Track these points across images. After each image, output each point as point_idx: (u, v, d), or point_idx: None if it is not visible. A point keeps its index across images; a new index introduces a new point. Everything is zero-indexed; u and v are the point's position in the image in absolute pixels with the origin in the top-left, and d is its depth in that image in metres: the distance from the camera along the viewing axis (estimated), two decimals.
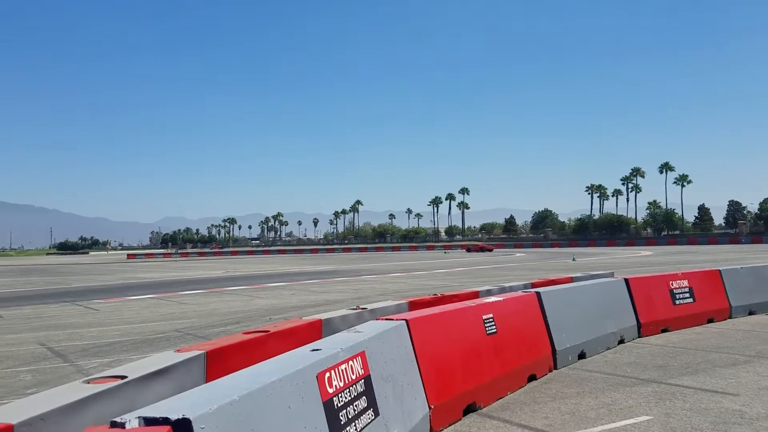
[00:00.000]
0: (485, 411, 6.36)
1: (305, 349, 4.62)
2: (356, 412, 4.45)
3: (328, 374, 4.24)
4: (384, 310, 8.31)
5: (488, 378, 6.64)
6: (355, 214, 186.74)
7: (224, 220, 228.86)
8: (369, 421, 4.59)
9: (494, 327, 7.12)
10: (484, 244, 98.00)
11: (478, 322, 6.95)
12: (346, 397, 4.37)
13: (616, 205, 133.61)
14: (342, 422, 4.22)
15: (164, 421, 2.85)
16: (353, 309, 8.17)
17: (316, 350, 4.50)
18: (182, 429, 2.83)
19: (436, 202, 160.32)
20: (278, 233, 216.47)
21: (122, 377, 4.04)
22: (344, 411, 4.30)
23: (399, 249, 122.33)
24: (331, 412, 4.13)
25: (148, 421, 2.87)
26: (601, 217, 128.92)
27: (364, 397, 4.64)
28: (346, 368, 4.51)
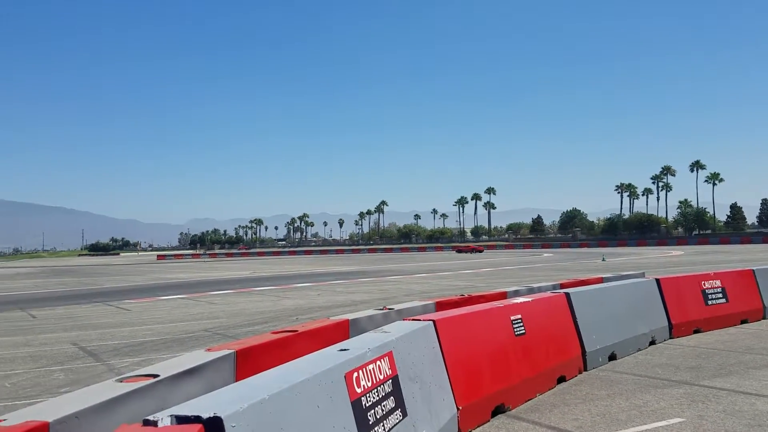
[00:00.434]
0: (514, 412, 6.31)
1: (333, 349, 4.64)
2: (384, 413, 4.45)
3: (356, 374, 4.25)
4: (411, 310, 8.30)
5: (517, 379, 6.59)
6: (380, 215, 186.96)
7: (251, 221, 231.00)
8: (397, 421, 4.59)
9: (523, 328, 7.06)
10: (475, 246, 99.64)
11: (507, 323, 6.90)
12: (374, 397, 4.38)
13: (647, 205, 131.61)
14: (370, 422, 4.22)
15: (196, 419, 2.89)
16: (380, 309, 8.18)
17: (344, 350, 4.52)
18: (214, 427, 2.86)
19: (461, 202, 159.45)
20: (304, 234, 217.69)
21: (154, 376, 4.10)
22: (372, 411, 4.30)
23: (424, 249, 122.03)
24: (360, 412, 4.14)
25: (180, 420, 2.91)
26: (631, 216, 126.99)
27: (391, 398, 4.64)
28: (373, 368, 4.51)
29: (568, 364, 7.73)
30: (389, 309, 8.17)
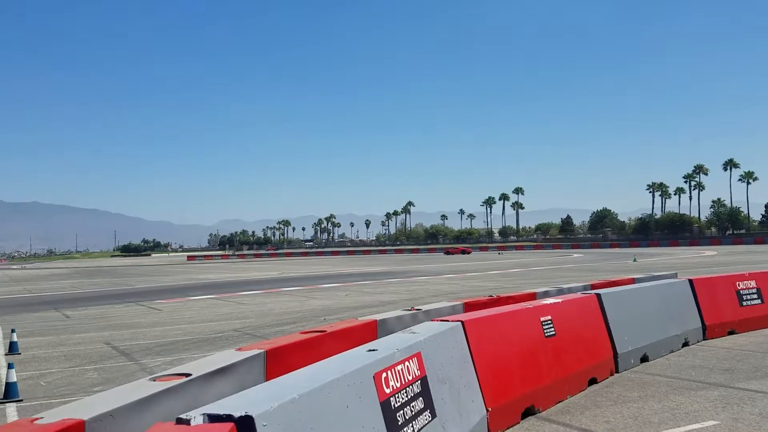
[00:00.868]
0: (544, 414, 6.25)
1: (361, 350, 4.65)
2: (413, 413, 4.44)
3: (384, 374, 4.25)
4: (439, 311, 8.28)
5: (547, 381, 6.52)
6: (407, 216, 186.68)
7: (279, 222, 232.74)
8: (426, 422, 4.58)
9: (553, 329, 6.99)
10: (464, 248, 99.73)
11: (536, 324, 6.84)
12: (402, 398, 4.38)
13: (679, 204, 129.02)
14: (399, 423, 4.22)
15: (227, 418, 2.92)
16: (408, 310, 8.17)
17: (373, 350, 4.52)
18: (245, 426, 2.90)
19: (489, 202, 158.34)
20: (331, 235, 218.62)
21: (186, 375, 4.16)
22: (401, 411, 4.30)
23: None
24: (389, 413, 4.14)
25: (212, 418, 2.94)
26: (663, 216, 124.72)
27: (420, 398, 4.63)
28: (402, 369, 4.51)
29: (600, 365, 7.63)
30: (417, 310, 8.16)
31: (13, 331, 12.16)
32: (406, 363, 4.61)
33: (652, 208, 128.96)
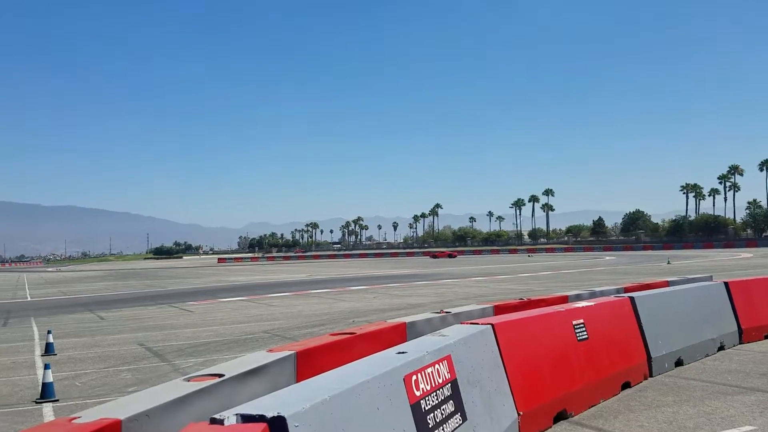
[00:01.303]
0: (576, 419, 6.17)
1: (391, 352, 4.64)
2: (444, 416, 4.42)
3: (414, 377, 4.24)
4: (469, 314, 8.23)
5: (579, 385, 6.44)
6: (435, 218, 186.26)
7: (307, 225, 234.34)
8: (457, 425, 4.55)
9: (585, 333, 6.90)
10: (450, 251, 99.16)
11: (568, 328, 6.76)
12: (433, 401, 4.36)
13: (713, 205, 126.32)
14: (430, 426, 4.20)
15: (260, 418, 2.95)
16: (437, 312, 8.15)
17: (402, 353, 4.52)
18: (277, 426, 2.92)
19: (518, 204, 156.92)
20: (358, 237, 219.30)
21: (219, 375, 4.21)
22: (432, 414, 4.28)
23: (480, 252, 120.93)
24: (419, 415, 4.13)
25: (246, 418, 2.97)
26: (697, 217, 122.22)
27: (451, 402, 4.61)
28: (432, 372, 4.49)
29: (633, 369, 7.51)
30: (446, 312, 8.13)
31: (49, 332, 12.45)
32: (436, 366, 4.59)
33: (686, 209, 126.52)
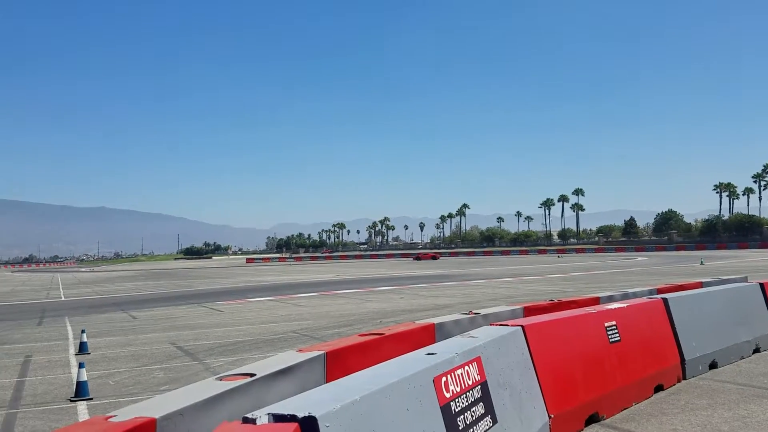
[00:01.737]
0: (609, 422, 6.08)
1: (420, 353, 4.63)
2: (474, 418, 4.39)
3: (444, 379, 4.22)
4: (498, 315, 8.17)
5: (612, 387, 6.34)
6: (462, 218, 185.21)
7: (333, 225, 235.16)
8: (487, 427, 4.52)
9: (617, 335, 6.79)
10: (433, 253, 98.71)
11: (600, 330, 6.66)
12: (463, 403, 4.34)
13: (748, 205, 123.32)
14: (460, 428, 4.18)
15: (291, 418, 2.97)
16: (466, 314, 8.10)
17: (432, 354, 4.50)
18: (309, 426, 2.93)
19: (547, 204, 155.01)
20: (385, 237, 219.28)
21: (251, 375, 4.25)
22: (462, 416, 4.26)
23: (509, 253, 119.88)
24: (449, 417, 4.11)
25: (277, 418, 2.99)
26: (731, 217, 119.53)
27: (481, 404, 4.58)
28: (462, 373, 4.47)
29: (666, 372, 7.37)
30: (475, 313, 8.07)
31: (83, 331, 12.71)
32: (466, 367, 4.57)
33: (720, 209, 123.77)
